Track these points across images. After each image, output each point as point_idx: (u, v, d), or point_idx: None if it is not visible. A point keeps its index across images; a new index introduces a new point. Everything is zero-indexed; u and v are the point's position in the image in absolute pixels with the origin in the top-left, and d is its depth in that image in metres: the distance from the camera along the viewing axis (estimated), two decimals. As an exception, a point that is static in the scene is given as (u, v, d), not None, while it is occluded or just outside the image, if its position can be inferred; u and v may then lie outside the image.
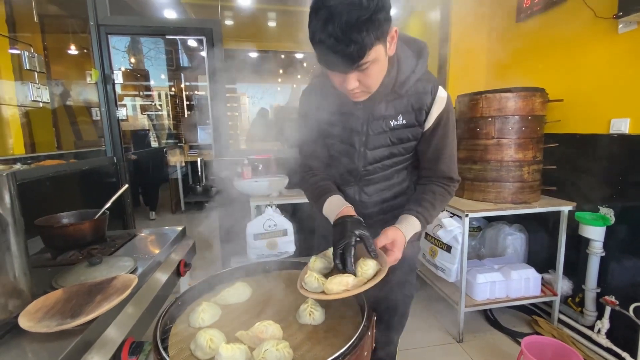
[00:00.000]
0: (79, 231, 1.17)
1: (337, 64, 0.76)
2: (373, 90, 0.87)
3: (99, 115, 2.46)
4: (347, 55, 0.72)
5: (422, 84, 0.94)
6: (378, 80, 0.86)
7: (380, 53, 0.78)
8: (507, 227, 2.39)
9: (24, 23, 3.93)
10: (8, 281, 0.77)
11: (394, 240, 0.87)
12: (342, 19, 0.69)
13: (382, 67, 0.83)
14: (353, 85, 0.81)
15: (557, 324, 2.12)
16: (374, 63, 0.78)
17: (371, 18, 0.70)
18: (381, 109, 0.95)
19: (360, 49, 0.72)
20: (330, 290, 0.77)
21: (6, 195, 0.77)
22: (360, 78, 0.81)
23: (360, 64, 0.76)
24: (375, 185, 1.07)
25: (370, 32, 0.71)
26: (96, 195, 2.29)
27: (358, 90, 0.85)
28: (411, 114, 0.95)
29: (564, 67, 2.13)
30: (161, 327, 0.76)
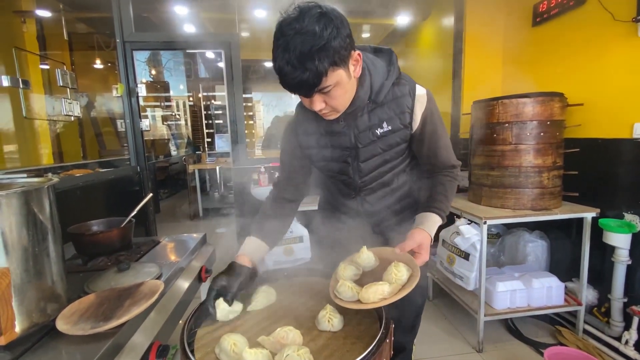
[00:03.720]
0: (108, 238, 1.23)
1: (297, 89, 0.80)
2: (341, 110, 0.90)
3: (124, 127, 2.57)
4: (303, 82, 0.76)
5: (399, 88, 0.96)
6: (344, 101, 0.88)
7: (342, 77, 0.81)
8: (528, 234, 2.34)
9: (54, 40, 4.16)
10: (47, 286, 0.82)
11: (421, 243, 0.90)
12: (297, 49, 0.73)
13: (346, 89, 0.85)
14: (319, 106, 0.85)
15: (582, 335, 2.05)
16: (337, 86, 0.81)
17: (325, 47, 0.74)
18: (365, 120, 0.97)
19: (315, 76, 0.75)
20: (367, 299, 0.78)
21: (46, 205, 0.83)
22: (325, 99, 0.84)
23: (321, 88, 0.79)
24: (376, 194, 1.09)
25: (323, 59, 0.74)
26: (121, 203, 2.39)
27: (326, 111, 0.88)
28: (395, 119, 0.97)
29: (583, 71, 2.10)
30: (187, 331, 0.79)
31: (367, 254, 0.96)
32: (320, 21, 0.74)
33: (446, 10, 3.09)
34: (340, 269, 0.92)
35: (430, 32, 3.61)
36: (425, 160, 1.06)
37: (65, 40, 4.06)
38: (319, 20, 0.74)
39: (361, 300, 0.80)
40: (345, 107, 0.90)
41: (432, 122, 0.99)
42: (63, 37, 3.95)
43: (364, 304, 0.78)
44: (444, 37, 3.15)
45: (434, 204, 0.99)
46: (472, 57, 2.84)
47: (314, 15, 0.74)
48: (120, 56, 2.49)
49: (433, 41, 3.57)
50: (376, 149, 0.99)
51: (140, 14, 2.84)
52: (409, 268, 0.85)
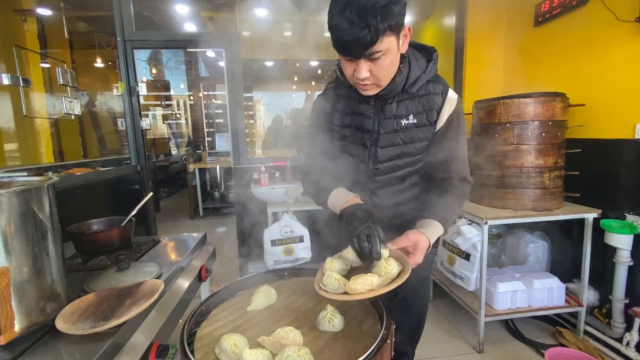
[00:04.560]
0: (108, 238, 1.23)
1: (351, 48, 0.79)
2: (383, 83, 0.89)
3: (124, 126, 2.57)
4: (360, 39, 0.76)
5: (433, 85, 0.97)
6: (389, 74, 0.88)
7: (393, 45, 0.81)
8: (529, 234, 2.34)
9: (55, 39, 4.16)
10: (47, 285, 0.82)
11: (416, 243, 0.87)
12: (360, 4, 0.74)
13: (393, 61, 0.85)
14: (364, 74, 0.83)
15: (583, 336, 2.04)
16: (386, 54, 0.81)
17: (387, 6, 0.74)
18: (392, 108, 0.97)
19: (373, 34, 0.75)
20: (354, 290, 0.75)
21: (46, 204, 0.82)
22: (371, 68, 0.83)
23: (373, 52, 0.79)
24: (387, 188, 1.07)
25: (384, 19, 0.74)
26: (121, 202, 2.39)
27: (369, 82, 0.87)
28: (422, 114, 0.97)
29: (585, 72, 2.09)
30: (187, 331, 0.79)
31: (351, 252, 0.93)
32: None
33: (447, 10, 3.08)
34: (327, 263, 0.89)
35: (432, 32, 3.60)
36: (440, 166, 1.03)
37: (66, 38, 4.06)
38: None
39: (348, 292, 0.77)
40: (387, 82, 0.90)
41: (456, 128, 0.98)
42: (64, 36, 3.95)
43: (350, 295, 0.75)
44: (445, 36, 3.14)
45: (439, 212, 0.96)
46: (473, 57, 2.84)
47: None
48: (120, 55, 2.49)
49: (434, 41, 3.56)
50: (397, 139, 0.99)
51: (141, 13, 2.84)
52: (400, 264, 0.82)
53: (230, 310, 0.94)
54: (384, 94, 0.94)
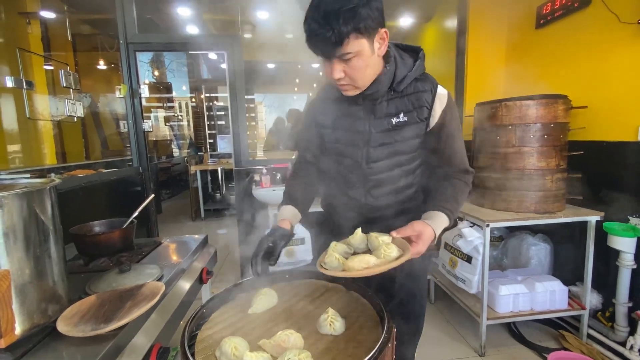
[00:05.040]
0: (110, 239, 1.23)
1: (318, 49, 0.83)
2: (360, 85, 0.91)
3: (127, 128, 2.58)
4: (325, 40, 0.79)
5: (421, 83, 0.98)
6: (364, 76, 0.89)
7: (364, 48, 0.83)
8: (531, 237, 2.33)
9: (58, 41, 4.18)
10: (48, 287, 0.82)
11: (420, 234, 0.88)
12: (326, 8, 0.78)
13: (368, 63, 0.86)
14: (338, 75, 0.86)
15: (586, 340, 2.03)
16: (358, 56, 0.83)
17: (352, 10, 0.77)
18: (382, 107, 0.98)
19: (337, 36, 0.78)
20: (352, 267, 0.77)
21: (48, 206, 0.82)
22: (345, 69, 0.86)
23: (343, 53, 0.82)
24: (382, 188, 1.07)
25: (348, 22, 0.77)
26: (123, 203, 2.39)
27: (345, 83, 0.89)
28: (412, 112, 0.98)
29: (587, 74, 2.08)
30: (188, 333, 0.79)
31: (360, 235, 0.95)
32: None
33: (449, 12, 3.09)
34: (331, 247, 0.91)
35: (433, 34, 3.60)
36: (441, 161, 1.05)
37: (69, 41, 4.09)
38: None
39: (345, 269, 0.79)
40: (364, 84, 0.91)
41: (450, 123, 0.99)
42: (67, 38, 3.97)
43: (347, 272, 0.78)
44: (447, 38, 3.15)
45: (443, 203, 0.97)
46: (475, 59, 2.83)
47: None
48: (123, 57, 2.50)
49: (436, 43, 3.56)
50: (389, 138, 1.00)
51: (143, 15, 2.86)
52: (400, 250, 0.83)
53: (231, 312, 0.94)
54: (372, 94, 0.95)
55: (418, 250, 0.86)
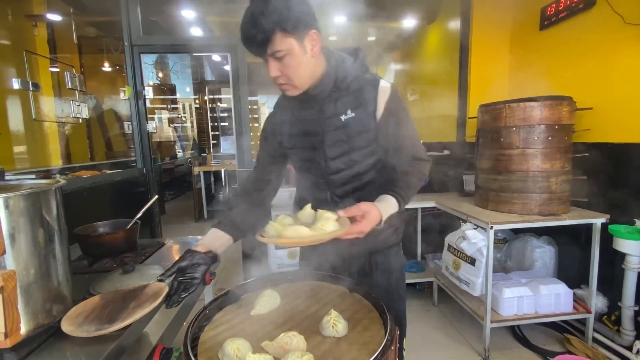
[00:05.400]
0: (114, 240, 1.23)
1: (250, 45, 0.90)
2: (297, 84, 0.95)
3: (131, 129, 2.59)
4: (253, 38, 0.87)
5: (364, 79, 1.02)
6: (300, 75, 0.94)
7: (293, 47, 0.89)
8: (535, 239, 2.31)
9: (64, 43, 4.23)
10: (53, 287, 0.82)
11: (365, 213, 0.90)
12: (254, 10, 0.86)
13: (300, 61, 0.92)
14: (274, 73, 0.93)
15: (592, 343, 2.01)
16: (289, 55, 0.90)
17: (275, 11, 0.85)
18: (331, 107, 1.02)
19: (262, 33, 0.85)
20: (285, 236, 0.81)
21: (54, 207, 0.83)
22: (280, 68, 0.92)
23: (273, 51, 0.88)
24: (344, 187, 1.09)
25: (270, 21, 0.84)
26: (127, 204, 2.40)
27: (283, 82, 0.95)
28: (359, 107, 1.01)
29: (592, 75, 2.07)
30: (191, 335, 0.79)
31: (309, 211, 0.97)
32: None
33: (453, 13, 3.08)
34: (277, 218, 0.94)
35: (437, 35, 3.60)
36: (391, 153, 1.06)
37: (75, 43, 4.12)
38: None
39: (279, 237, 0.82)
40: (301, 82, 0.96)
41: (396, 113, 1.02)
42: (72, 41, 4.01)
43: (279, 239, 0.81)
44: (451, 40, 3.14)
45: (393, 187, 0.99)
46: (478, 60, 2.83)
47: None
48: (127, 59, 2.52)
49: (439, 44, 3.56)
50: (341, 135, 1.03)
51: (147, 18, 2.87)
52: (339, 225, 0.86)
53: (234, 314, 0.94)
54: (317, 94, 1.00)
55: (360, 229, 0.88)
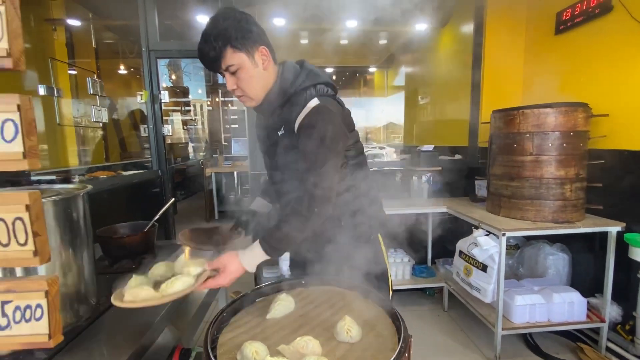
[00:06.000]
0: (134, 242, 1.28)
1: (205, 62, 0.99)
2: (252, 95, 1.03)
3: (147, 132, 2.66)
4: (207, 54, 0.96)
5: (299, 96, 1.02)
6: (253, 87, 1.02)
7: (244, 61, 0.97)
8: (548, 246, 2.28)
9: (82, 47, 4.35)
10: (80, 288, 0.86)
11: (224, 267, 0.94)
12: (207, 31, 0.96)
13: (251, 74, 1.00)
14: (231, 86, 1.02)
15: (605, 353, 1.97)
16: (241, 69, 0.98)
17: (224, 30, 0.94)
18: (274, 120, 1.08)
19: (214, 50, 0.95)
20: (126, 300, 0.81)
21: (81, 211, 0.87)
22: (236, 82, 1.00)
23: (228, 65, 0.97)
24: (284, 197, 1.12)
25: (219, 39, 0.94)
26: (142, 205, 2.46)
27: (239, 94, 1.04)
28: (288, 124, 1.02)
29: (608, 81, 2.04)
30: (210, 337, 0.82)
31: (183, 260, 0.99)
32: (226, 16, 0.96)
33: (466, 17, 3.07)
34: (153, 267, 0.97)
35: (449, 39, 3.59)
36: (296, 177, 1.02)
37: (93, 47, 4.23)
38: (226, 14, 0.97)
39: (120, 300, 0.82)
40: (256, 94, 1.03)
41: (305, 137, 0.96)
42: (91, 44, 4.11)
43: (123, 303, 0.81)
44: (463, 43, 3.13)
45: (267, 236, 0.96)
46: (491, 65, 2.81)
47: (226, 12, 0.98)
48: (145, 64, 2.59)
49: (451, 48, 3.55)
50: (279, 148, 1.07)
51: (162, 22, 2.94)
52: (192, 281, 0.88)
53: (250, 317, 0.97)
54: (265, 108, 1.07)
55: (218, 283, 0.92)
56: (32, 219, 0.44)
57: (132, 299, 0.81)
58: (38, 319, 0.47)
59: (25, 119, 0.43)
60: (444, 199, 2.70)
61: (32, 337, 0.47)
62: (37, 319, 0.47)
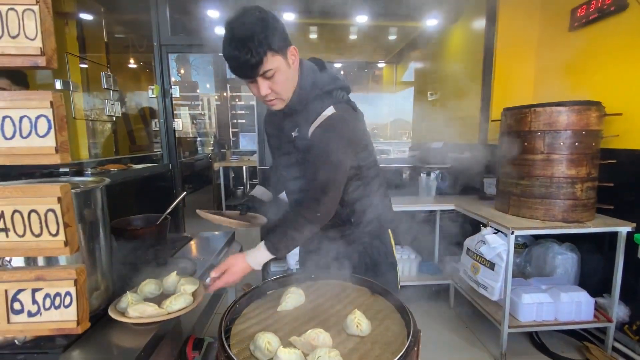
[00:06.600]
0: (147, 233, 1.31)
1: (242, 70, 0.93)
2: (285, 97, 1.00)
3: (158, 126, 2.69)
4: (247, 62, 0.90)
5: (316, 102, 1.02)
6: (287, 87, 0.99)
7: (281, 63, 0.94)
8: (557, 245, 2.27)
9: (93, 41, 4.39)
10: (99, 277, 0.89)
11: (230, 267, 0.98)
12: (241, 35, 0.89)
13: (288, 76, 0.97)
14: (265, 91, 0.96)
15: (611, 352, 1.97)
16: (278, 72, 0.94)
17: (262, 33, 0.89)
18: (288, 122, 1.08)
19: (256, 56, 0.89)
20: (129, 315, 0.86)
21: (100, 203, 0.90)
22: (270, 85, 0.96)
23: (264, 71, 0.92)
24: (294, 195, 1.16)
25: (262, 43, 0.89)
26: (153, 198, 2.50)
27: (272, 97, 0.99)
28: (303, 127, 1.03)
29: (623, 79, 2.01)
30: (224, 327, 0.84)
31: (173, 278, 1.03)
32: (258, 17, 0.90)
33: (477, 13, 3.03)
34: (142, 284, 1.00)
35: (459, 36, 3.55)
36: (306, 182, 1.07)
37: (105, 41, 4.27)
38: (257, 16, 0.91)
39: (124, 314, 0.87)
40: (289, 96, 1.01)
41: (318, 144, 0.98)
42: (102, 39, 4.15)
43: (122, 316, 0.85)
44: (475, 40, 3.09)
45: (271, 235, 1.00)
46: (503, 62, 2.78)
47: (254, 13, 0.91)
48: (156, 59, 2.61)
49: (462, 44, 3.51)
50: (291, 148, 1.08)
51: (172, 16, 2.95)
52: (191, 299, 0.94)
53: (262, 309, 0.99)
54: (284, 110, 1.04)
55: (226, 281, 0.97)
56: (63, 211, 0.46)
57: (139, 315, 0.86)
58: (67, 306, 0.49)
59: (57, 115, 0.45)
60: (451, 197, 2.70)
61: (61, 324, 0.50)
62: (66, 306, 0.49)
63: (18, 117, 0.44)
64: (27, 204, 0.45)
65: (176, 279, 1.03)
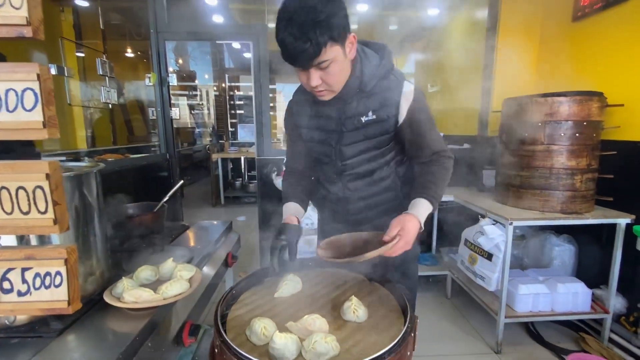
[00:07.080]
0: (144, 221, 1.30)
1: (297, 60, 0.85)
2: (336, 89, 0.94)
3: (155, 115, 2.66)
4: (304, 52, 0.81)
5: (388, 81, 1.00)
6: (340, 80, 0.93)
7: (338, 54, 0.87)
8: (555, 237, 2.27)
9: (89, 29, 4.32)
10: (93, 262, 0.88)
11: (404, 225, 0.92)
12: (300, 21, 0.79)
13: (342, 67, 0.90)
14: (315, 82, 0.89)
15: (607, 344, 1.99)
16: (334, 62, 0.87)
17: (325, 20, 0.80)
18: (353, 107, 1.01)
19: (315, 46, 0.81)
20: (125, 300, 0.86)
21: (94, 187, 0.88)
22: (322, 76, 0.89)
23: (320, 62, 0.84)
24: (357, 182, 1.11)
25: (324, 32, 0.80)
26: (150, 187, 2.49)
27: (322, 89, 0.93)
28: (381, 110, 1.00)
29: (625, 70, 1.99)
30: (220, 312, 0.84)
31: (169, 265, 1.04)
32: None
33: (479, 3, 2.99)
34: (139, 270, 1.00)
35: (461, 25, 3.50)
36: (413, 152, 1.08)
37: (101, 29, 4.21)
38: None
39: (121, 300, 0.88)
40: (339, 88, 0.95)
41: (418, 116, 1.01)
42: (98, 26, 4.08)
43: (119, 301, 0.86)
44: (476, 29, 3.05)
45: (423, 190, 1.00)
46: (505, 52, 2.75)
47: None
48: (153, 46, 2.57)
49: (464, 34, 3.46)
50: (359, 135, 1.04)
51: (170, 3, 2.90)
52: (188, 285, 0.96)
53: (258, 295, 0.99)
54: (342, 95, 0.98)
55: (406, 241, 0.91)
56: (52, 188, 0.45)
57: (135, 300, 0.86)
58: (57, 286, 0.48)
59: (44, 89, 0.43)
60: (450, 188, 2.68)
61: (52, 304, 0.49)
62: (56, 286, 0.48)
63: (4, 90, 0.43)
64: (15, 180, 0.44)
65: (172, 265, 1.02)
